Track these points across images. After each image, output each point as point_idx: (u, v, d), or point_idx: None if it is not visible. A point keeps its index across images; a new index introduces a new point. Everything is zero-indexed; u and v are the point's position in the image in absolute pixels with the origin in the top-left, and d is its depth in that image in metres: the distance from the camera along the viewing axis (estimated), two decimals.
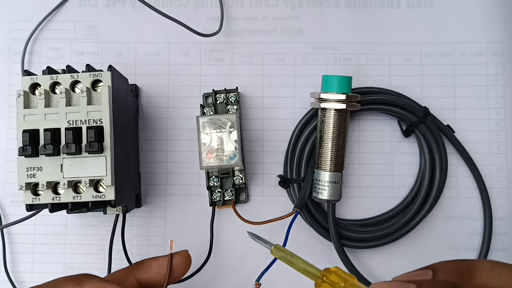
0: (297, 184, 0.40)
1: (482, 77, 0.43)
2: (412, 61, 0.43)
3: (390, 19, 0.44)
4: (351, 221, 0.41)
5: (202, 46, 0.44)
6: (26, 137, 0.32)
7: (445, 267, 0.25)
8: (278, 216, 0.39)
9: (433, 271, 0.25)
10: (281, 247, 0.31)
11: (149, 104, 0.43)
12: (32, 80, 0.33)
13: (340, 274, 0.27)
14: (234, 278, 0.41)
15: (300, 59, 0.43)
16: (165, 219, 0.42)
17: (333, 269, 0.28)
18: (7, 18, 0.44)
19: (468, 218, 0.42)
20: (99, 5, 0.44)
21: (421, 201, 0.40)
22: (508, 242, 0.41)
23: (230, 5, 0.44)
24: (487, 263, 0.25)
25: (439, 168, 0.40)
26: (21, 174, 0.32)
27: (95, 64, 0.36)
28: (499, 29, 0.43)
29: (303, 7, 0.44)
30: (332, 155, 0.38)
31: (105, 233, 0.42)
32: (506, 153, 0.42)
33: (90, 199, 0.32)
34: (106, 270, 0.38)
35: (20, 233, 0.42)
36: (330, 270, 0.28)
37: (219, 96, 0.42)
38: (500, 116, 0.42)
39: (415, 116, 0.40)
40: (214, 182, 0.40)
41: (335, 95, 0.37)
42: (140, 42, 0.44)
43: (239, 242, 0.41)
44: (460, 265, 0.25)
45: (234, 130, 0.37)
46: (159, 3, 0.44)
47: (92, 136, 0.32)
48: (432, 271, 0.25)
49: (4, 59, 0.44)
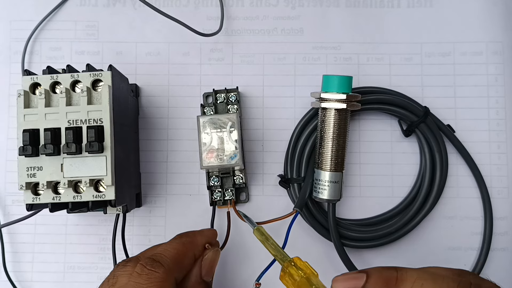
0: (297, 183, 0.40)
1: (482, 76, 0.43)
2: (413, 60, 0.43)
3: (390, 19, 0.44)
4: (352, 221, 0.41)
5: (202, 45, 0.44)
6: (26, 136, 0.32)
7: (377, 274, 0.26)
8: (278, 215, 0.38)
9: (367, 276, 0.26)
10: (263, 230, 0.35)
11: (150, 103, 0.43)
12: (33, 80, 0.33)
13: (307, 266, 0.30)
14: (234, 277, 0.41)
15: (300, 58, 0.43)
16: (165, 219, 0.42)
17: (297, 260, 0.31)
18: (7, 17, 0.44)
19: (469, 217, 0.42)
20: (99, 4, 0.44)
21: (421, 200, 0.40)
22: (508, 241, 0.41)
23: (230, 5, 0.44)
24: (413, 274, 0.26)
25: (440, 167, 0.40)
26: (21, 173, 0.32)
27: (95, 63, 0.36)
28: (499, 28, 0.43)
29: (303, 7, 0.44)
30: (332, 155, 0.38)
31: (105, 233, 0.42)
32: (507, 152, 0.42)
33: (91, 198, 0.32)
34: (107, 270, 0.38)
35: (20, 233, 0.42)
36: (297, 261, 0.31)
37: (220, 95, 0.42)
38: (500, 116, 0.42)
39: (416, 115, 0.40)
40: (215, 181, 0.40)
41: (336, 95, 0.37)
42: (140, 41, 0.44)
43: (239, 242, 0.41)
44: (390, 274, 0.26)
45: (235, 130, 0.37)
46: (159, 2, 0.44)
47: (93, 135, 0.32)
48: (366, 276, 0.26)
49: (5, 59, 0.44)
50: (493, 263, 0.41)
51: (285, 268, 0.31)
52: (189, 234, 0.35)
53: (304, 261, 0.31)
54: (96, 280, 0.41)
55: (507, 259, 0.41)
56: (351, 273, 0.27)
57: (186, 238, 0.34)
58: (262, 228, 0.35)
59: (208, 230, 0.37)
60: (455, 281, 0.25)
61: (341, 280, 0.27)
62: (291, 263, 0.31)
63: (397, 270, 0.26)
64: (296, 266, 0.31)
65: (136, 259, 0.31)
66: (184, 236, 0.34)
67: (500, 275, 0.41)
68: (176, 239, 0.34)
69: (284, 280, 0.31)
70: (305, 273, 0.30)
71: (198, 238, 0.35)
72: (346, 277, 0.27)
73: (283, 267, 0.31)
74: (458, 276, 0.26)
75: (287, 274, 0.30)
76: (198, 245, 0.34)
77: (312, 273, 0.30)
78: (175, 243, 0.33)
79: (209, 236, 0.36)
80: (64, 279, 0.41)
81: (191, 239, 0.34)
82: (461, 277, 0.25)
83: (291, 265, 0.31)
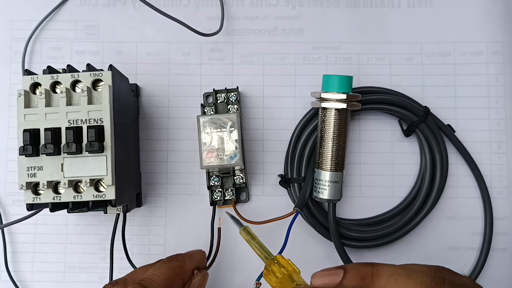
0: (297, 183, 0.40)
1: (483, 76, 0.43)
2: (413, 60, 0.43)
3: (390, 19, 0.44)
4: (352, 221, 0.41)
5: (202, 45, 0.44)
6: (26, 136, 0.32)
7: (353, 270, 0.27)
8: (278, 215, 0.38)
9: (344, 271, 0.27)
10: (249, 229, 0.36)
11: (150, 103, 0.43)
12: (33, 80, 0.33)
13: (289, 264, 0.31)
14: (235, 277, 0.41)
15: (300, 58, 0.43)
16: (165, 219, 0.42)
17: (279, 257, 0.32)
18: (7, 17, 0.44)
19: (469, 217, 0.42)
20: (100, 4, 0.44)
21: (421, 200, 0.40)
22: (508, 241, 0.41)
23: (230, 5, 0.44)
24: (388, 270, 0.26)
25: (440, 167, 0.40)
26: (21, 173, 0.32)
27: (95, 63, 0.36)
28: (499, 28, 0.43)
29: (303, 7, 0.44)
30: (332, 155, 0.38)
31: (106, 233, 0.42)
32: (507, 152, 0.42)
33: (91, 198, 0.32)
34: (107, 270, 0.38)
35: (20, 233, 0.42)
36: (279, 258, 0.32)
37: (220, 95, 0.42)
38: (500, 116, 0.42)
39: (416, 115, 0.40)
40: (215, 181, 0.40)
41: (336, 95, 0.37)
42: (140, 41, 0.44)
43: (239, 241, 0.41)
44: (367, 270, 0.27)
45: (235, 130, 0.37)
46: (159, 2, 0.44)
47: (93, 135, 0.32)
48: (343, 271, 0.27)
49: (5, 59, 0.44)
50: (493, 263, 0.41)
51: (268, 266, 0.32)
52: (178, 257, 0.34)
53: (287, 259, 0.32)
54: (97, 280, 0.41)
55: (507, 259, 0.41)
56: (329, 269, 0.28)
57: (175, 262, 0.33)
58: (248, 228, 0.36)
59: (197, 253, 0.36)
60: (430, 276, 0.25)
61: (320, 276, 0.28)
62: (274, 261, 0.32)
63: (373, 266, 0.27)
64: (279, 263, 0.31)
65: (124, 282, 0.30)
66: (173, 260, 0.34)
67: (500, 275, 0.41)
68: (165, 263, 0.33)
69: (267, 278, 0.31)
70: (287, 270, 0.31)
71: (188, 262, 0.34)
72: (324, 273, 0.28)
73: (266, 265, 0.32)
74: (434, 272, 0.26)
75: (270, 272, 0.31)
76: (187, 270, 0.33)
77: (294, 270, 0.31)
78: (164, 267, 0.32)
79: (198, 260, 0.35)
80: (64, 279, 0.41)
81: (180, 264, 0.33)
82: (436, 273, 0.26)
83: (274, 262, 0.32)
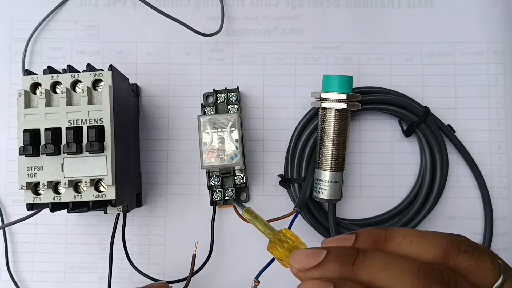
0: (297, 183, 0.40)
1: (483, 76, 0.43)
2: (413, 60, 0.43)
3: (390, 19, 0.44)
4: (352, 221, 0.41)
5: (202, 45, 0.44)
6: (27, 136, 0.32)
7: (366, 234, 0.26)
8: (278, 215, 0.38)
9: (356, 236, 0.26)
10: (251, 210, 0.35)
11: (150, 103, 0.43)
12: (33, 80, 0.33)
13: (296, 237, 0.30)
14: (235, 277, 0.41)
15: (300, 58, 0.43)
16: (165, 219, 0.42)
17: (286, 231, 0.31)
18: (8, 17, 0.44)
19: (469, 217, 0.42)
20: (100, 4, 0.44)
21: (421, 200, 0.40)
22: (508, 241, 0.41)
23: (230, 5, 0.44)
24: (402, 232, 0.26)
25: (440, 167, 0.40)
26: (22, 173, 0.32)
27: (95, 63, 0.36)
28: (499, 28, 0.43)
29: (303, 7, 0.44)
30: (332, 155, 0.38)
31: (106, 233, 0.42)
32: (507, 152, 0.42)
33: (91, 198, 0.32)
34: (107, 270, 0.38)
35: (21, 233, 0.42)
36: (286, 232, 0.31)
37: (220, 95, 0.42)
38: (500, 116, 0.42)
39: (416, 115, 0.40)
40: (215, 181, 0.40)
41: (336, 95, 0.37)
42: (140, 41, 0.44)
43: (239, 241, 0.41)
44: (379, 233, 0.26)
45: (235, 130, 0.37)
46: (159, 2, 0.44)
47: (93, 135, 0.32)
48: (355, 236, 0.26)
49: (5, 59, 0.44)
50: None
51: (273, 238, 0.31)
52: None
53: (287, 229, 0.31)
54: (97, 280, 0.41)
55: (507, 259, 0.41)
56: (342, 235, 0.27)
57: None
58: (250, 208, 0.35)
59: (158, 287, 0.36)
60: (446, 237, 0.25)
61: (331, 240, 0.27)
62: (280, 233, 0.31)
63: (386, 229, 0.26)
64: (286, 236, 0.31)
65: None
66: None
67: None
68: None
69: (272, 249, 0.30)
70: (294, 242, 0.30)
71: None
72: (336, 238, 0.27)
73: (270, 239, 0.31)
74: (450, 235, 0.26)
75: (276, 242, 0.30)
76: None
77: (301, 242, 0.30)
78: None
79: None
80: (64, 279, 0.41)
81: None
82: (452, 236, 0.26)
83: (280, 234, 0.31)
